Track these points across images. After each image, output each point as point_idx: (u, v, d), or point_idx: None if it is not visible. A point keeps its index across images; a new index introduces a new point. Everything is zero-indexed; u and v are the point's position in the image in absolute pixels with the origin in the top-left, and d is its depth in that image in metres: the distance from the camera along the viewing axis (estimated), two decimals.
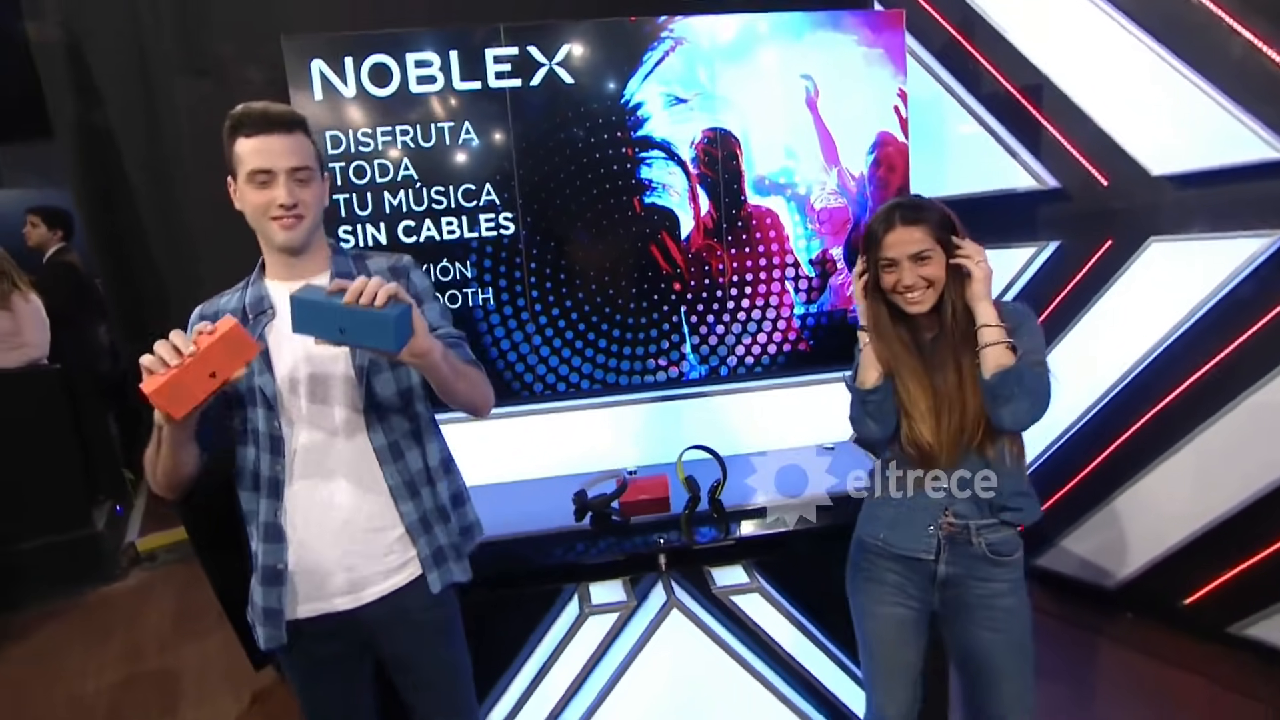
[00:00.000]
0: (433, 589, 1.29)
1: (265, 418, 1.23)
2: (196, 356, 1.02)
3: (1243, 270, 2.11)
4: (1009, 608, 1.38)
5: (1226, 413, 2.18)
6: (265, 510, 1.24)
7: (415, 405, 1.32)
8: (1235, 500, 2.20)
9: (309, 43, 2.01)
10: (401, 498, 1.27)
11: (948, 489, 1.38)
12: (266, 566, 1.24)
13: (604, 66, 2.14)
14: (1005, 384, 1.28)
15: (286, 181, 1.18)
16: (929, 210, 1.36)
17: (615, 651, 1.68)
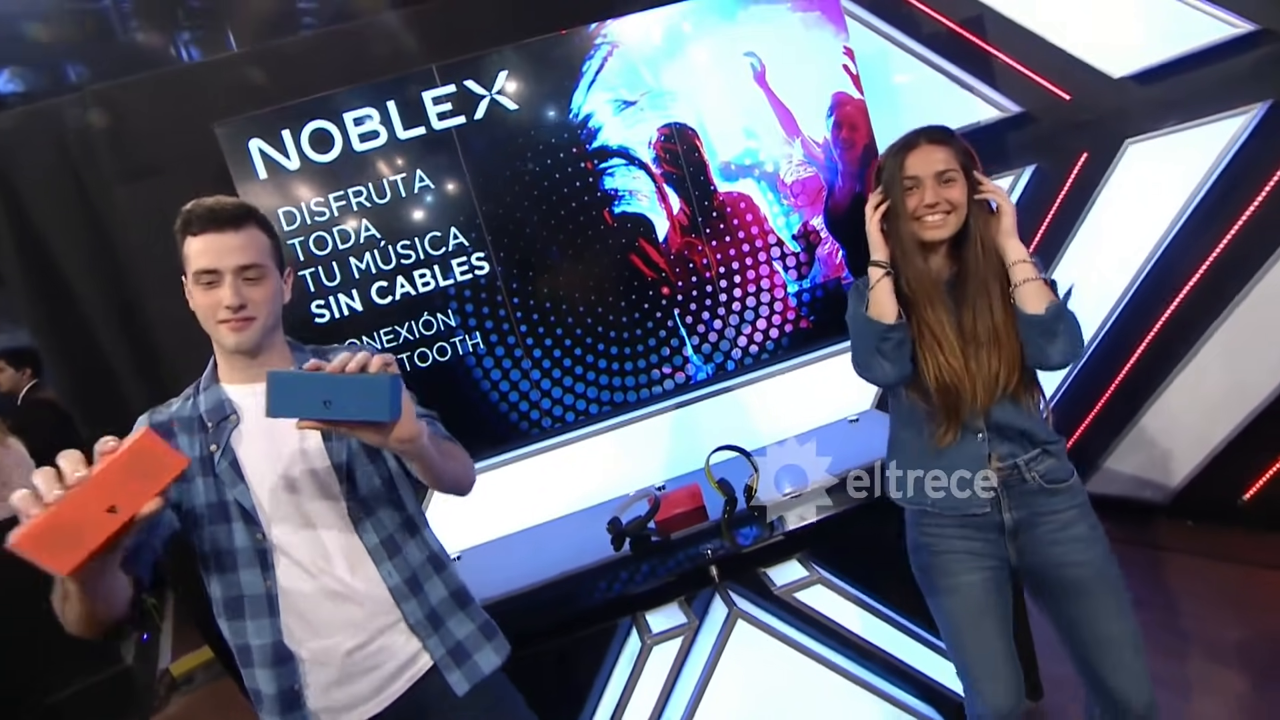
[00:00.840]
0: (458, 691, 1.18)
1: (246, 532, 1.13)
2: (86, 484, 0.79)
3: (1229, 151, 2.07)
4: (1082, 535, 1.32)
5: (1244, 297, 2.14)
6: (262, 633, 1.13)
7: (400, 493, 1.23)
8: (1273, 383, 2.15)
9: (242, 125, 1.95)
10: (402, 597, 1.17)
11: (985, 432, 1.32)
12: (282, 692, 1.13)
13: (545, 85, 2.09)
14: (1055, 319, 1.23)
15: (233, 281, 1.10)
16: (954, 137, 1.32)
17: (687, 676, 1.60)
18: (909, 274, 1.33)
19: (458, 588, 1.26)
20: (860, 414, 2.34)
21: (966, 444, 1.32)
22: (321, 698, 1.15)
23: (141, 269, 2.12)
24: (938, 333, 1.30)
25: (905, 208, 1.31)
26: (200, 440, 1.15)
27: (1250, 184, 2.07)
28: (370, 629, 1.16)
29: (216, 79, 2.03)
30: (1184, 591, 2.23)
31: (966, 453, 1.32)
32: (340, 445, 1.18)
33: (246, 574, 1.13)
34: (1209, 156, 2.10)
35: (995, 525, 1.34)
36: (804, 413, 2.32)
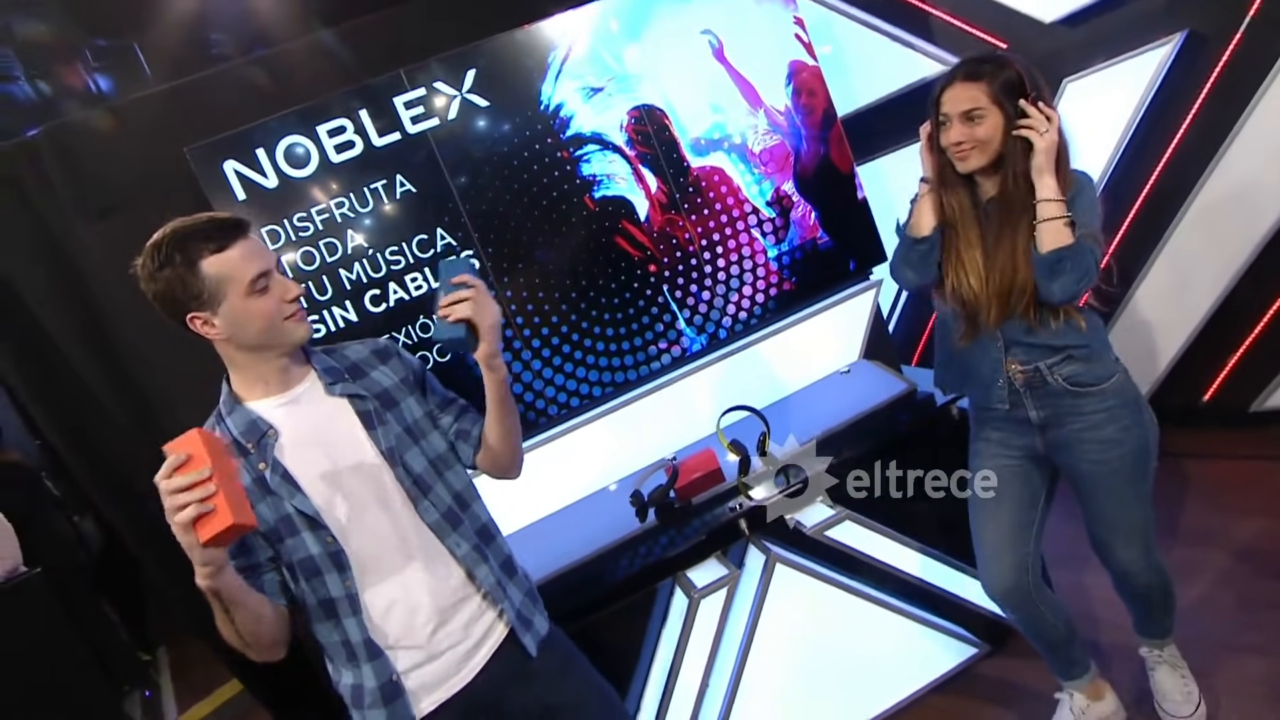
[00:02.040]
0: (531, 651, 1.26)
1: (315, 539, 1.15)
2: (216, 471, 0.95)
3: (1156, 79, 2.23)
4: (1109, 437, 1.42)
5: (1185, 212, 2.31)
6: (354, 630, 1.17)
7: (449, 473, 1.28)
8: (1220, 288, 2.33)
9: (214, 147, 1.92)
10: (474, 563, 1.23)
11: (1000, 341, 1.43)
12: (383, 684, 1.17)
13: (513, 80, 2.11)
14: (1060, 261, 1.31)
15: (279, 277, 1.14)
16: (993, 66, 1.36)
17: (734, 623, 1.67)
18: (949, 197, 1.43)
19: (505, 558, 1.31)
20: (851, 365, 2.44)
21: (985, 348, 1.44)
22: (414, 679, 1.20)
23: (123, 309, 2.08)
24: (964, 255, 1.40)
25: (941, 141, 1.40)
26: (247, 464, 1.15)
27: (1179, 107, 2.24)
28: (449, 604, 1.21)
29: (179, 104, 2.00)
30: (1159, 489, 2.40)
31: (986, 356, 1.45)
32: (387, 432, 1.21)
33: (329, 577, 1.16)
34: (1139, 86, 2.26)
35: (1023, 420, 1.45)
36: (798, 370, 2.41)
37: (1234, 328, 2.36)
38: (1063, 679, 1.67)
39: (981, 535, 1.54)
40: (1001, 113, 1.35)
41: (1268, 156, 2.15)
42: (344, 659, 1.20)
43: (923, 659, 1.84)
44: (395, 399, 1.26)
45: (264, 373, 1.18)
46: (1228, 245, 2.27)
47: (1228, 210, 2.24)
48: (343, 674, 1.21)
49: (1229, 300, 2.33)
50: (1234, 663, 1.72)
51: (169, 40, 2.09)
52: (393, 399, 1.26)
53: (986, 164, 1.38)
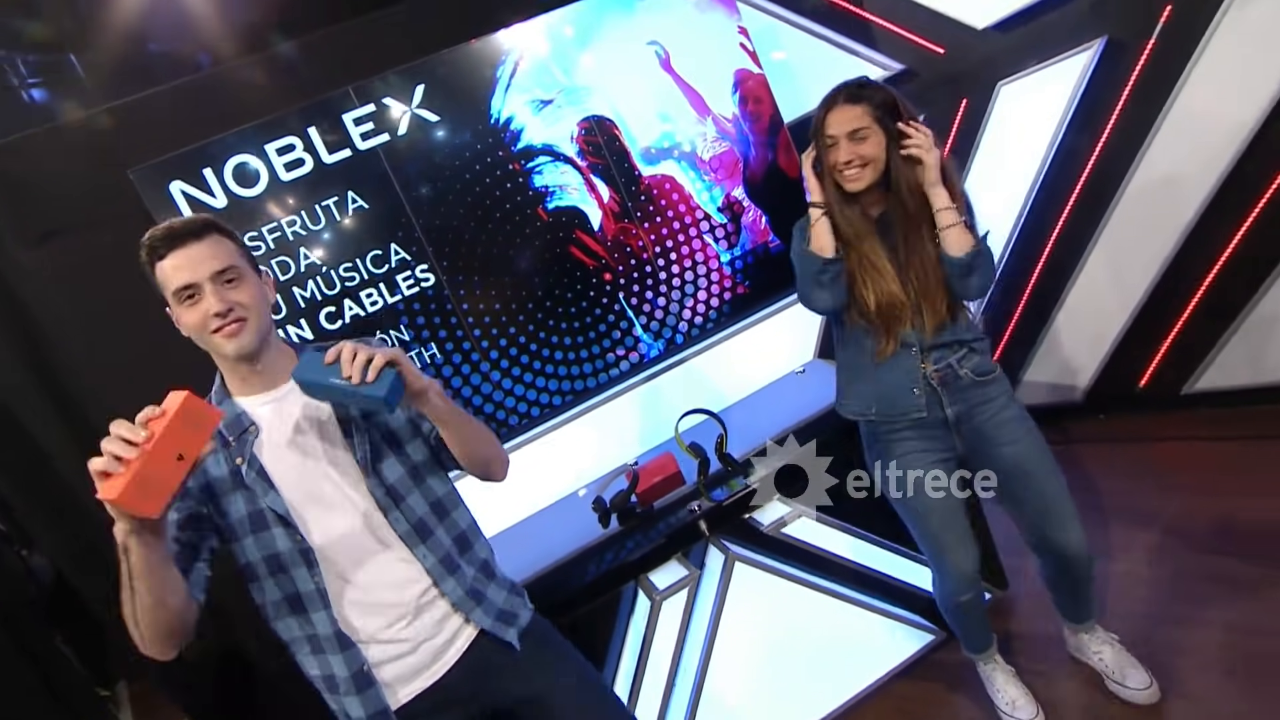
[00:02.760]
0: (515, 645, 1.28)
1: (285, 535, 1.17)
2: (157, 440, 0.92)
3: (1082, 81, 2.34)
4: (1014, 417, 1.52)
5: (1116, 206, 2.42)
6: (323, 623, 1.19)
7: (428, 481, 1.28)
8: (1149, 278, 2.45)
9: (160, 168, 1.91)
10: (441, 577, 1.24)
11: (917, 346, 1.49)
12: (354, 674, 1.19)
13: (462, 94, 2.13)
14: (975, 261, 1.41)
15: (214, 289, 1.13)
16: (871, 91, 1.45)
17: (697, 622, 1.70)
18: (841, 217, 1.49)
19: (482, 561, 1.32)
20: (805, 364, 2.50)
21: (902, 357, 1.50)
22: (388, 671, 1.22)
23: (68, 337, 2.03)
24: (876, 263, 1.46)
25: (828, 162, 1.46)
26: (225, 455, 1.18)
27: (1104, 107, 2.35)
28: (414, 609, 1.22)
29: (121, 125, 1.97)
30: (1101, 474, 2.51)
31: (902, 365, 1.51)
32: (363, 440, 1.23)
33: (298, 572, 1.18)
34: (1067, 88, 2.37)
35: (939, 421, 1.53)
36: (753, 372, 2.46)
37: (1164, 315, 2.48)
38: (982, 650, 1.76)
39: (937, 535, 1.59)
40: (883, 132, 1.43)
41: (1187, 150, 2.26)
42: (310, 651, 1.22)
43: (882, 648, 1.90)
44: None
45: (241, 372, 1.21)
46: (1156, 235, 2.39)
47: (1154, 201, 2.36)
48: (312, 665, 1.23)
49: (1159, 288, 2.45)
50: (1176, 633, 1.81)
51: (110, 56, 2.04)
52: None
53: (874, 182, 1.45)
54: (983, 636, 1.75)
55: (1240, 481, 2.24)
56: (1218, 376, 2.46)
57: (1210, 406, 2.51)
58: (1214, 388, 2.49)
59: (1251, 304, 2.31)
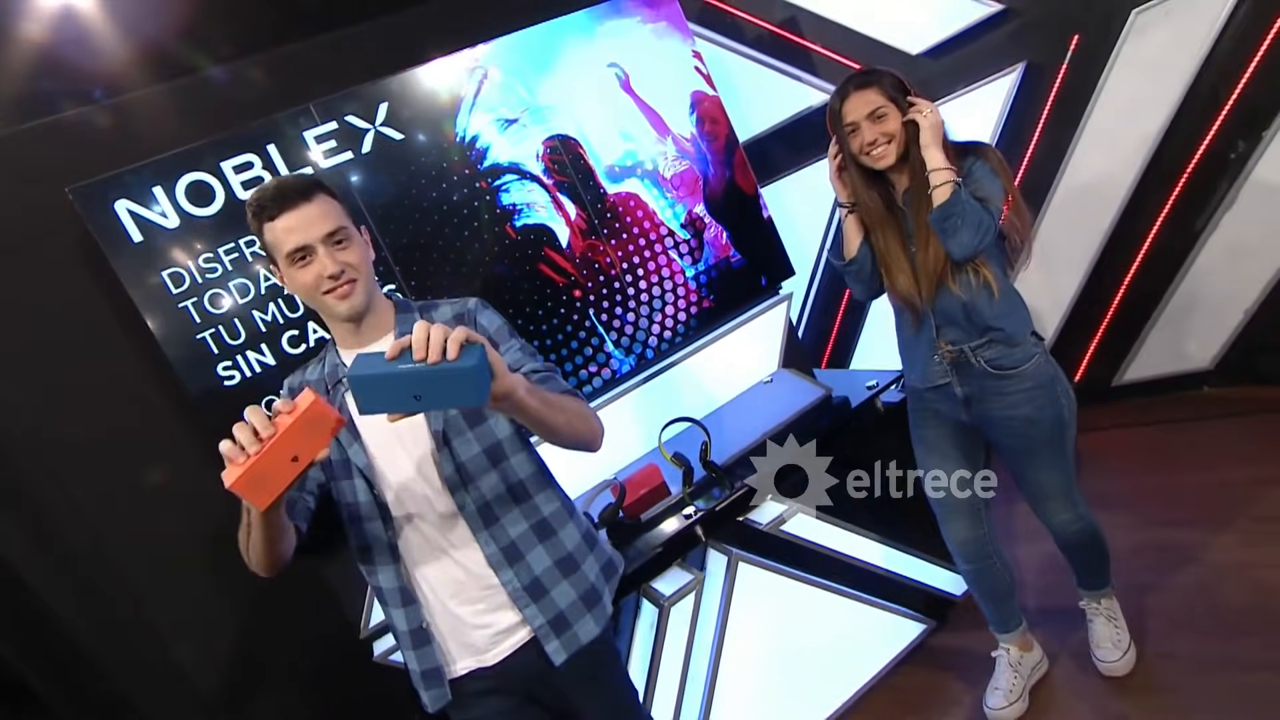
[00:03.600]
0: (555, 660, 1.21)
1: (363, 489, 1.21)
2: (276, 440, 0.95)
3: (1007, 102, 2.55)
4: (1024, 415, 1.56)
5: (1044, 216, 2.63)
6: (389, 577, 1.23)
7: (508, 461, 1.23)
8: (1077, 280, 2.67)
9: (103, 186, 1.78)
10: (499, 566, 1.20)
11: (932, 318, 1.57)
12: (413, 630, 1.23)
13: (427, 113, 2.11)
14: (948, 217, 1.44)
15: (326, 251, 1.14)
16: (878, 74, 1.53)
17: (704, 625, 1.68)
18: (863, 208, 1.57)
19: (564, 555, 1.25)
20: (772, 374, 2.55)
21: (925, 330, 1.57)
22: (448, 639, 1.24)
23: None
24: (889, 255, 1.56)
25: (852, 149, 1.53)
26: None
27: (1027, 125, 2.57)
28: (472, 592, 1.21)
29: (60, 141, 1.85)
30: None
31: (925, 337, 1.58)
32: (436, 414, 1.20)
33: (371, 525, 1.21)
34: (995, 107, 2.58)
35: (952, 395, 1.60)
36: (723, 384, 2.49)
37: (1092, 314, 2.69)
38: (1001, 632, 1.82)
39: (932, 493, 1.71)
40: (897, 109, 1.51)
41: (1104, 158, 2.50)
42: (382, 599, 1.26)
43: (878, 642, 1.93)
44: None
45: (343, 331, 1.23)
46: (1081, 241, 2.61)
47: (1078, 208, 2.58)
48: (386, 616, 1.28)
49: (1086, 289, 2.66)
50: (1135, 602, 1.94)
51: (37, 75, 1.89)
52: None
53: (900, 156, 1.52)
54: (997, 618, 1.80)
55: (1170, 461, 2.43)
56: (1143, 367, 2.68)
57: (1136, 396, 2.72)
58: (1139, 378, 2.70)
59: (1166, 297, 2.55)
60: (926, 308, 1.56)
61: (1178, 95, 2.33)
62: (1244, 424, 2.43)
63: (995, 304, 1.53)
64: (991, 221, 1.46)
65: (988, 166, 1.51)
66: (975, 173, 1.49)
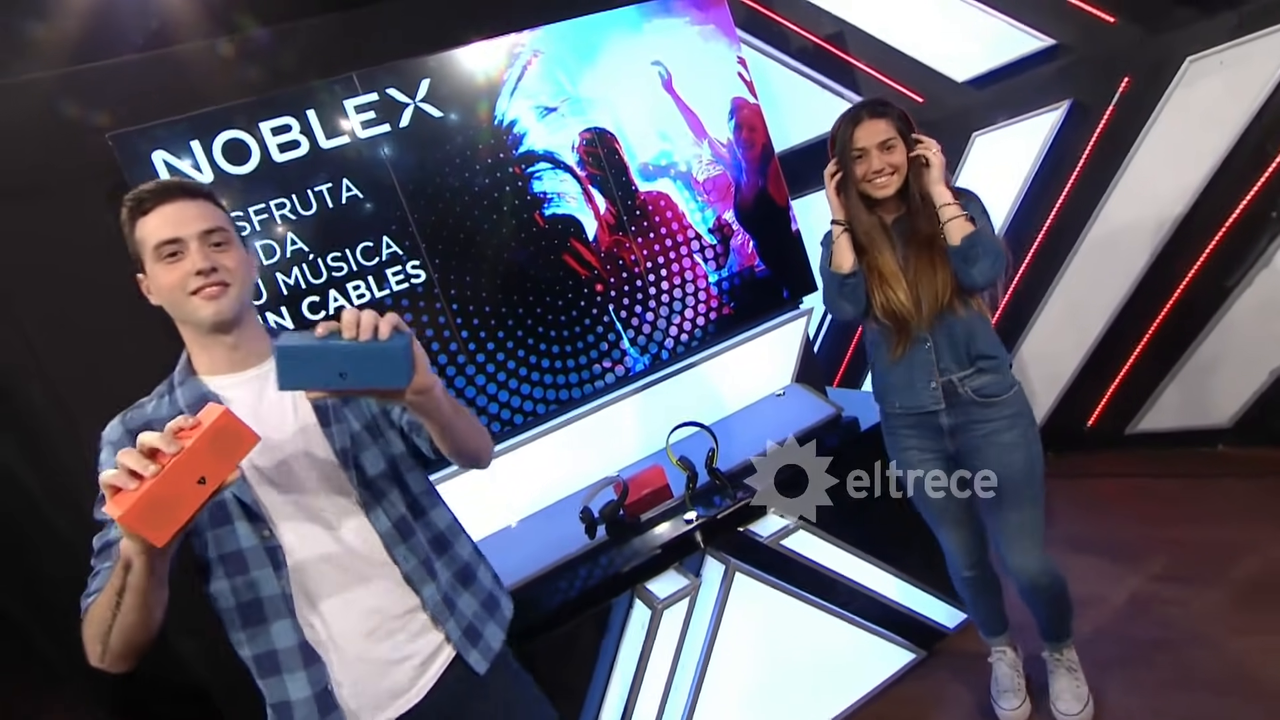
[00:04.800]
0: (478, 670, 1.17)
1: (251, 530, 1.06)
2: (180, 459, 0.82)
3: (1050, 138, 2.53)
4: (1006, 442, 1.59)
5: (1074, 255, 2.61)
6: (285, 634, 1.07)
7: (406, 476, 1.19)
8: (1101, 324, 2.63)
9: (143, 135, 1.79)
10: (420, 581, 1.13)
11: (931, 341, 1.57)
12: (316, 694, 1.07)
13: (468, 93, 2.11)
14: (973, 246, 1.49)
15: (200, 247, 1.05)
16: (890, 107, 1.56)
17: (695, 631, 1.67)
18: (860, 228, 1.58)
19: (461, 566, 1.22)
20: (785, 388, 2.54)
21: (917, 354, 1.58)
22: (356, 695, 1.10)
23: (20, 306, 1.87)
24: (886, 272, 1.56)
25: (855, 174, 1.54)
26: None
27: (1068, 163, 2.54)
28: (394, 617, 1.12)
29: (106, 89, 1.86)
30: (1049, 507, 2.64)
31: (918, 360, 1.59)
32: (342, 430, 1.13)
33: (259, 574, 1.06)
34: (1036, 143, 2.56)
35: (936, 426, 1.60)
36: (734, 392, 2.49)
37: (1112, 359, 2.66)
38: (994, 635, 1.86)
39: (935, 519, 1.72)
40: (904, 143, 1.55)
41: (1140, 208, 2.47)
42: (272, 667, 1.08)
43: (867, 665, 1.92)
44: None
45: (211, 350, 1.11)
46: (1109, 285, 2.58)
47: (1109, 253, 2.55)
48: (270, 691, 1.10)
49: (1109, 334, 2.63)
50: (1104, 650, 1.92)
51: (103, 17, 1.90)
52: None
53: (899, 188, 1.56)
54: (990, 621, 1.83)
55: (1174, 515, 2.41)
56: (1157, 419, 2.65)
57: (1149, 447, 2.69)
58: (1153, 429, 2.68)
59: (1190, 350, 2.52)
60: (923, 331, 1.57)
61: (1224, 148, 2.30)
62: (1255, 486, 2.40)
63: (984, 330, 1.59)
64: (1004, 254, 1.52)
65: (979, 207, 1.57)
66: (972, 210, 1.55)
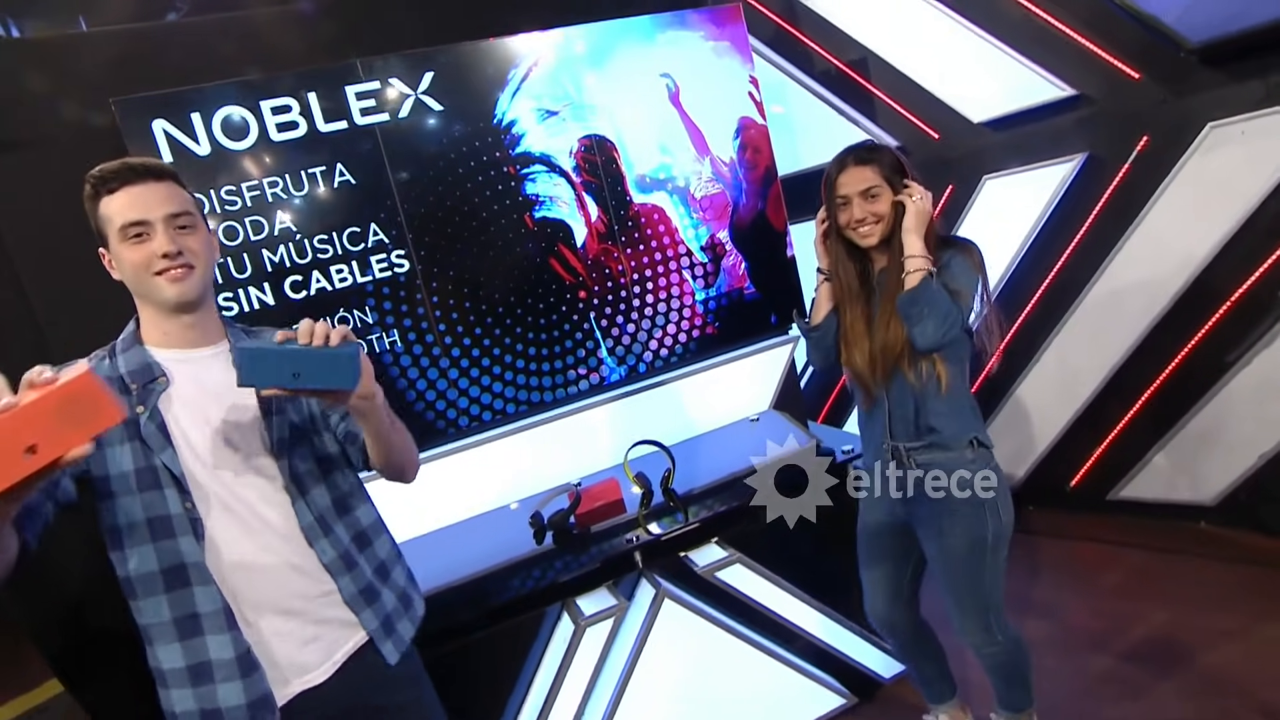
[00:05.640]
0: (390, 660, 1.23)
1: (176, 499, 1.09)
2: (12, 415, 0.71)
3: (1060, 190, 2.46)
4: (952, 511, 1.52)
5: (1074, 311, 2.55)
6: (207, 599, 1.10)
7: (335, 475, 1.24)
8: (1093, 385, 2.57)
9: (146, 102, 1.84)
10: (338, 572, 1.18)
11: (886, 403, 1.54)
12: (239, 655, 1.10)
13: (470, 89, 2.13)
14: (913, 303, 1.42)
15: (166, 229, 1.08)
16: (879, 153, 1.51)
17: (617, 653, 1.68)
18: (839, 276, 1.56)
19: (380, 563, 1.27)
20: (760, 414, 2.53)
21: (878, 414, 1.56)
22: (272, 660, 1.15)
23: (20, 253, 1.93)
24: (853, 331, 1.54)
25: (839, 220, 1.51)
26: (125, 402, 1.09)
27: (1077, 217, 2.48)
28: (307, 599, 1.17)
29: (109, 52, 1.90)
30: (1019, 567, 2.60)
31: (878, 421, 1.57)
32: (281, 423, 1.17)
33: (184, 541, 1.09)
34: (1046, 193, 2.50)
35: (888, 486, 1.58)
36: (709, 413, 2.48)
37: (1102, 421, 2.60)
38: (933, 703, 1.82)
39: (862, 569, 1.69)
40: (891, 190, 1.50)
41: (1146, 270, 2.40)
42: (177, 637, 1.10)
43: (794, 705, 1.91)
44: None
45: (167, 327, 1.15)
46: (1106, 345, 2.52)
47: (1110, 313, 2.49)
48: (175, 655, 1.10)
49: (1101, 395, 2.57)
50: None
51: None
52: None
53: (884, 238, 1.51)
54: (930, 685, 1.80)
55: (1146, 590, 2.35)
56: (1140, 487, 2.58)
57: (1129, 514, 2.63)
58: (1135, 497, 2.61)
59: (1182, 422, 2.44)
60: (880, 390, 1.54)
61: (1238, 219, 2.22)
62: (1232, 571, 2.33)
63: (939, 401, 1.50)
64: (959, 316, 1.43)
65: (967, 262, 1.49)
66: (952, 266, 1.47)
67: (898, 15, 2.60)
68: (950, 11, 2.51)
